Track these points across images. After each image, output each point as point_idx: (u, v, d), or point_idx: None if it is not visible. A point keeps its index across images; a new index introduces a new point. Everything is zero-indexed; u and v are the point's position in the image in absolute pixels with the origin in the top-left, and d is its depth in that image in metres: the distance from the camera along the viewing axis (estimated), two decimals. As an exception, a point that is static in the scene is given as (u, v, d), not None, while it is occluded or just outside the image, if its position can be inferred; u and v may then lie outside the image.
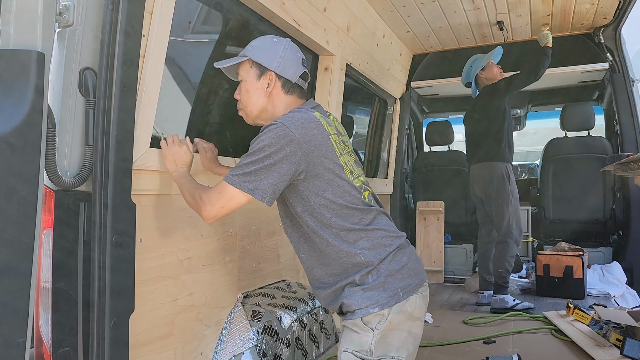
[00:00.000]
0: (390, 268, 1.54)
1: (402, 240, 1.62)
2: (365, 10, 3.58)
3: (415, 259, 1.63)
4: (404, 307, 1.54)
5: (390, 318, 1.52)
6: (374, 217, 1.59)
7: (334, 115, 1.78)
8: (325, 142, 1.56)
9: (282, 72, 1.67)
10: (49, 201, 1.42)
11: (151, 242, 1.79)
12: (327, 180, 1.53)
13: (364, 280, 1.54)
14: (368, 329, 1.52)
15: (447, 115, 6.10)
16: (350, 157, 1.66)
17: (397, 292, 1.53)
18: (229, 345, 2.14)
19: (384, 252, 1.55)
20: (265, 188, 1.48)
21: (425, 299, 1.63)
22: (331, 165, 1.54)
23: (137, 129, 1.64)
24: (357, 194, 1.58)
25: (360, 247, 1.54)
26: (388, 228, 1.61)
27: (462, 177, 4.97)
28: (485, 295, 3.94)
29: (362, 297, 1.53)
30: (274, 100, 1.69)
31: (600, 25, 4.21)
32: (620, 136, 4.23)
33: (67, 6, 1.45)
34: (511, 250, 3.73)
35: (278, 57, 1.67)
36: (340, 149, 1.61)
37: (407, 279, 1.56)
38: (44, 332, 1.44)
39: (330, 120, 1.68)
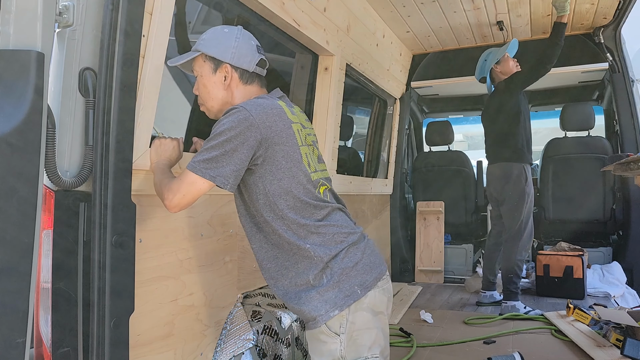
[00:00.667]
0: (343, 266, 1.50)
1: (355, 236, 1.57)
2: (365, 10, 3.58)
3: (371, 253, 1.59)
4: (363, 303, 1.50)
5: (352, 318, 1.48)
6: (328, 213, 1.57)
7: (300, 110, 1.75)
8: (287, 129, 1.54)
9: (238, 62, 1.64)
10: (49, 201, 1.42)
11: (151, 242, 1.79)
12: (284, 169, 1.51)
13: (318, 281, 1.49)
14: (333, 335, 1.48)
15: (447, 115, 6.10)
16: (311, 151, 1.64)
17: (354, 290, 1.49)
18: (229, 345, 2.14)
19: (335, 249, 1.51)
20: (227, 174, 1.45)
21: (386, 292, 1.59)
22: (291, 153, 1.52)
23: (137, 129, 1.64)
24: (312, 187, 1.56)
25: (311, 242, 1.50)
26: (341, 224, 1.57)
27: (462, 177, 4.97)
28: (487, 295, 3.92)
29: (319, 301, 1.48)
30: (234, 92, 1.66)
31: (600, 25, 4.21)
32: (620, 136, 4.23)
33: (67, 6, 1.45)
34: (520, 253, 3.65)
35: (231, 47, 1.63)
36: (301, 139, 1.59)
37: (363, 275, 1.52)
38: (44, 332, 1.44)
39: (294, 110, 1.66)
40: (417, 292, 4.28)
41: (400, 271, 4.85)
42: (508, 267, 3.66)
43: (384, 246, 4.69)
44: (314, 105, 3.20)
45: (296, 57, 3.21)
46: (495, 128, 3.78)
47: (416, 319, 3.46)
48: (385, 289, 1.58)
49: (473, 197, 4.96)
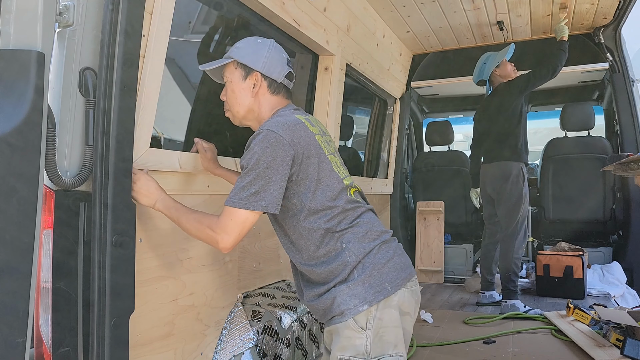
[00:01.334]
0: (375, 261, 1.51)
1: (388, 235, 1.61)
2: (365, 10, 3.58)
3: (402, 254, 1.61)
4: (392, 301, 1.50)
5: (380, 314, 1.48)
6: (362, 213, 1.59)
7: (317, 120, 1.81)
8: (313, 141, 1.57)
9: (268, 72, 1.68)
10: (49, 201, 1.42)
11: (151, 242, 1.79)
12: (316, 180, 1.53)
13: (349, 276, 1.50)
14: (360, 330, 1.47)
15: (447, 115, 6.10)
16: (336, 157, 1.68)
17: (384, 287, 1.49)
18: (229, 345, 2.14)
19: (368, 246, 1.53)
20: (276, 199, 1.48)
21: (414, 294, 1.59)
22: (321, 164, 1.56)
23: (137, 129, 1.64)
24: (345, 192, 1.59)
25: (346, 241, 1.52)
26: (373, 223, 1.60)
27: (462, 177, 4.97)
28: (486, 295, 3.93)
29: (348, 295, 1.48)
30: (260, 100, 1.69)
31: (600, 25, 4.21)
32: (620, 136, 4.23)
33: (67, 6, 1.45)
34: (516, 252, 3.68)
35: (263, 57, 1.67)
36: (326, 148, 1.63)
37: (394, 272, 1.53)
38: (44, 332, 1.44)
39: (311, 120, 1.69)
40: (417, 292, 4.27)
41: (400, 271, 4.84)
42: (506, 266, 3.68)
43: (384, 246, 4.68)
44: (314, 105, 3.20)
45: (296, 57, 3.21)
46: (495, 128, 3.79)
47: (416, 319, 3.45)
48: (414, 290, 1.58)
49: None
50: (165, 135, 1.86)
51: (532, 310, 3.50)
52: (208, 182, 2.07)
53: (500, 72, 3.82)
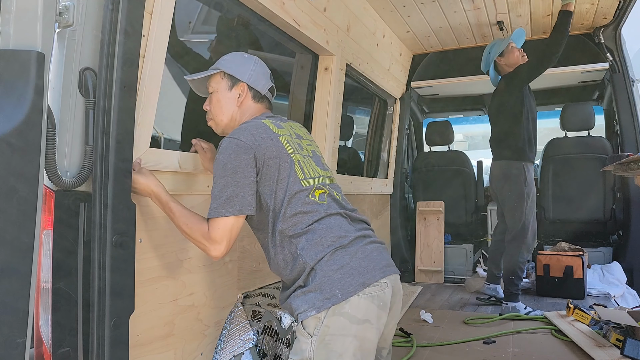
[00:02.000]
0: (326, 268, 1.50)
1: (346, 240, 1.56)
2: (365, 10, 3.57)
3: (364, 257, 1.55)
4: (343, 308, 1.46)
5: (327, 322, 1.46)
6: (320, 218, 1.58)
7: (297, 124, 1.87)
8: (275, 142, 1.63)
9: (254, 84, 1.78)
10: (49, 201, 1.42)
11: (151, 242, 1.79)
12: (277, 180, 1.58)
13: (304, 282, 1.53)
14: (307, 335, 1.48)
15: (447, 115, 6.09)
16: (306, 159, 1.70)
17: (334, 294, 1.46)
18: (229, 345, 2.14)
19: (321, 253, 1.52)
20: (248, 202, 1.55)
21: (376, 299, 1.51)
22: (282, 163, 1.60)
23: (137, 129, 1.64)
24: (305, 192, 1.60)
25: (300, 247, 1.54)
26: (332, 228, 1.57)
27: (462, 177, 4.97)
28: (491, 287, 3.90)
29: (302, 300, 1.51)
30: (243, 109, 1.78)
31: (600, 25, 4.21)
32: (620, 136, 4.23)
33: (67, 6, 1.44)
34: (522, 255, 3.60)
35: (250, 70, 1.78)
36: (293, 147, 1.67)
37: (348, 279, 1.48)
38: (44, 332, 1.44)
39: (282, 124, 1.74)
40: (417, 292, 4.28)
41: (401, 271, 4.83)
42: (509, 268, 3.64)
43: (384, 246, 4.68)
44: (314, 105, 3.20)
45: (296, 57, 3.21)
46: (496, 127, 3.76)
47: (416, 319, 3.46)
48: (375, 296, 1.51)
49: (473, 197, 4.96)
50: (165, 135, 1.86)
51: (533, 312, 3.48)
52: (208, 182, 2.07)
53: (506, 61, 3.65)
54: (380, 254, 1.62)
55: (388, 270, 1.58)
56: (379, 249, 1.63)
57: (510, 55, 3.64)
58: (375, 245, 1.63)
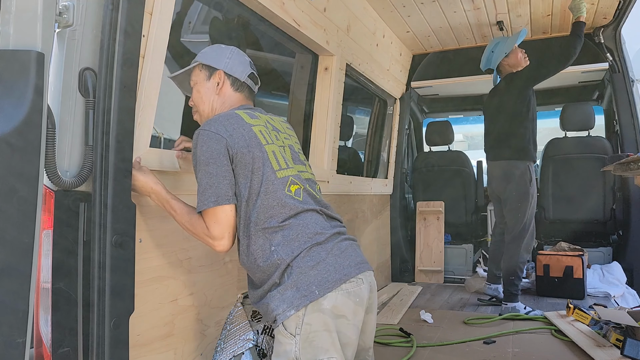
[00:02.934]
0: (302, 265, 1.48)
1: (323, 237, 1.55)
2: (365, 10, 3.58)
3: (340, 254, 1.54)
4: (321, 305, 1.45)
5: (308, 319, 1.44)
6: (296, 213, 1.56)
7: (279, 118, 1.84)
8: (248, 132, 1.61)
9: (231, 70, 1.77)
10: (49, 201, 1.42)
11: (151, 242, 1.79)
12: (252, 170, 1.56)
13: (280, 280, 1.50)
14: (289, 336, 1.45)
15: (447, 115, 6.09)
16: (283, 150, 1.68)
17: (311, 290, 1.45)
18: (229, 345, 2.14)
19: (297, 249, 1.50)
20: (224, 191, 1.53)
21: (353, 295, 1.51)
22: (256, 152, 1.58)
23: (137, 129, 1.64)
24: (281, 185, 1.57)
25: (275, 244, 1.51)
26: (308, 224, 1.56)
27: (462, 177, 4.96)
28: (492, 287, 3.88)
29: (279, 300, 1.47)
30: (224, 98, 1.77)
31: (600, 25, 4.21)
32: (620, 136, 4.23)
33: (67, 6, 1.45)
34: (522, 255, 3.59)
35: (226, 57, 1.78)
36: (267, 138, 1.64)
37: (324, 275, 1.48)
38: (44, 332, 1.44)
39: (260, 115, 1.73)
40: (417, 292, 4.28)
41: (400, 271, 4.85)
42: (509, 269, 3.62)
43: (383, 246, 4.69)
44: (314, 105, 3.20)
45: (296, 57, 3.21)
46: (496, 127, 3.73)
47: (416, 319, 3.46)
48: (351, 292, 1.50)
49: (473, 197, 4.95)
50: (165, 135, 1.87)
51: (533, 312, 3.48)
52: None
53: (509, 62, 3.63)
54: (355, 250, 1.61)
55: (363, 267, 1.58)
56: (352, 246, 1.62)
57: (514, 56, 3.63)
58: (349, 242, 1.62)
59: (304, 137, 3.23)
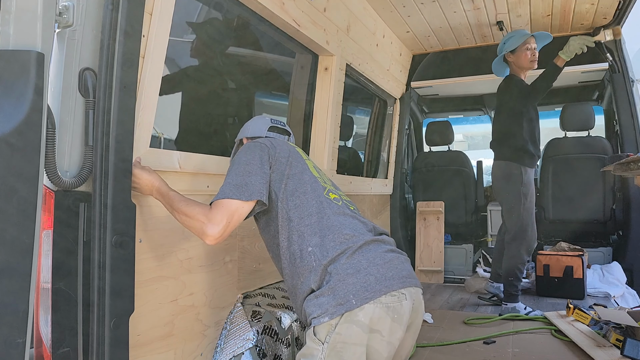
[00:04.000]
0: (341, 271, 1.43)
1: (360, 241, 1.51)
2: (365, 10, 3.58)
3: (384, 264, 1.48)
4: (356, 316, 1.39)
5: (340, 329, 1.39)
6: (335, 214, 1.57)
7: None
8: (291, 149, 1.74)
9: (251, 134, 1.93)
10: (49, 201, 1.42)
11: (151, 242, 1.79)
12: (288, 175, 1.63)
13: (319, 285, 1.46)
14: (318, 342, 1.41)
15: (447, 115, 6.09)
16: (320, 172, 1.79)
17: (348, 299, 1.39)
18: (229, 345, 2.14)
19: (334, 251, 1.47)
20: (259, 189, 1.56)
21: (391, 310, 1.42)
22: (295, 163, 1.68)
23: (137, 129, 1.64)
24: (320, 189, 1.64)
25: (313, 244, 1.50)
26: (347, 227, 1.54)
27: (462, 177, 4.96)
28: (494, 285, 3.86)
29: (315, 304, 1.44)
30: None
31: (600, 25, 4.20)
32: (620, 136, 4.22)
33: (67, 6, 1.45)
34: (522, 256, 3.57)
35: (248, 127, 1.97)
36: (307, 161, 1.77)
37: (363, 284, 1.41)
38: (44, 332, 1.44)
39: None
40: (417, 292, 4.27)
41: (400, 271, 4.84)
42: (509, 270, 3.61)
43: (384, 246, 4.68)
44: (314, 105, 3.20)
45: (296, 57, 3.21)
46: (496, 126, 3.73)
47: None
48: (391, 307, 1.42)
49: (473, 197, 4.96)
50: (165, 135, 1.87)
51: (533, 312, 3.48)
52: (208, 182, 2.08)
53: (514, 60, 3.54)
54: (402, 263, 1.55)
55: (408, 282, 1.49)
56: (400, 259, 1.56)
57: (519, 56, 3.52)
58: (396, 255, 1.56)
59: (304, 137, 3.23)
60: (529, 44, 3.49)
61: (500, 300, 3.78)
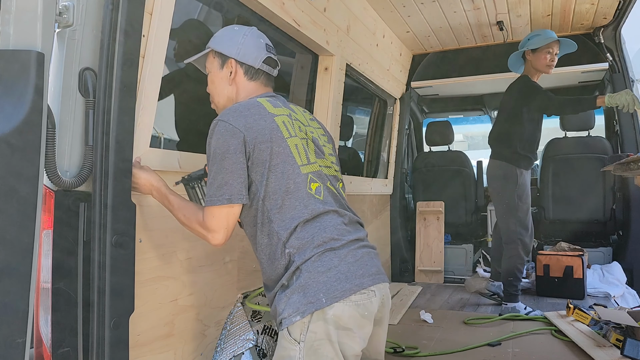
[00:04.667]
0: (312, 269, 1.41)
1: (338, 243, 1.46)
2: (365, 10, 3.58)
3: (355, 262, 1.46)
4: (327, 314, 1.38)
5: (313, 327, 1.38)
6: (316, 215, 1.48)
7: (301, 108, 1.74)
8: (269, 124, 1.52)
9: (243, 58, 1.66)
10: (49, 201, 1.42)
11: (151, 242, 1.79)
12: (269, 167, 1.49)
13: (290, 281, 1.44)
14: (293, 342, 1.39)
15: (447, 115, 6.09)
16: (306, 143, 1.58)
17: (318, 298, 1.38)
18: (229, 345, 2.14)
19: (310, 252, 1.43)
20: (238, 190, 1.48)
21: (361, 308, 1.42)
22: (276, 148, 1.50)
23: (137, 129, 1.64)
24: (303, 183, 1.50)
25: (290, 246, 1.45)
26: (326, 227, 1.48)
27: (462, 177, 4.96)
28: (495, 284, 3.87)
29: (286, 303, 1.41)
30: (238, 88, 1.69)
31: (600, 25, 4.20)
32: (620, 136, 4.23)
33: (67, 6, 1.45)
34: (520, 256, 3.56)
35: (238, 44, 1.66)
36: (290, 130, 1.55)
37: (334, 283, 1.40)
38: (44, 332, 1.44)
39: (282, 105, 1.64)
40: (417, 292, 4.28)
41: (400, 271, 4.85)
42: (508, 270, 3.62)
43: (384, 246, 4.69)
44: (314, 105, 3.20)
45: (296, 57, 3.21)
46: (498, 123, 3.72)
47: (416, 319, 3.46)
48: (360, 304, 1.42)
49: (473, 197, 4.96)
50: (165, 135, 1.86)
51: (533, 312, 3.47)
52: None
53: (532, 59, 3.48)
54: (372, 259, 1.53)
55: (377, 278, 1.50)
56: (370, 254, 1.54)
57: (538, 57, 3.45)
58: (367, 250, 1.54)
59: (304, 137, 3.22)
60: (552, 48, 3.45)
61: (501, 299, 3.78)
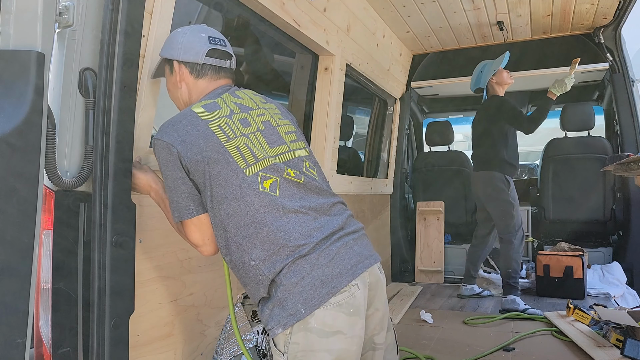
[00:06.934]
0: (285, 282, 1.34)
1: (306, 248, 1.36)
2: (365, 10, 3.58)
3: (327, 263, 1.36)
4: (308, 323, 1.33)
5: (295, 338, 1.34)
6: (275, 218, 1.37)
7: (251, 92, 1.64)
8: (204, 132, 1.43)
9: (184, 57, 1.59)
10: (49, 201, 1.42)
11: (151, 242, 1.79)
12: (210, 177, 1.41)
13: (270, 294, 1.38)
14: (279, 353, 1.37)
15: (447, 116, 6.09)
16: (254, 136, 1.48)
17: (297, 309, 1.32)
18: (229, 345, 2.14)
19: (279, 264, 1.35)
20: (183, 206, 1.46)
21: (345, 307, 1.35)
22: (215, 156, 1.41)
23: (137, 129, 1.64)
24: (252, 186, 1.39)
25: (255, 258, 1.37)
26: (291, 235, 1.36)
27: (462, 177, 4.96)
28: (467, 287, 4.07)
29: (269, 315, 1.38)
30: (189, 88, 1.63)
31: (600, 25, 4.21)
32: (620, 136, 4.23)
33: (67, 6, 1.45)
34: (516, 252, 3.73)
35: (178, 44, 1.60)
36: (228, 133, 1.45)
37: (310, 291, 1.33)
38: (44, 332, 1.44)
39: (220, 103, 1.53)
40: (417, 292, 4.28)
41: (400, 271, 4.85)
42: (506, 265, 3.75)
43: (384, 246, 4.69)
44: (314, 105, 3.20)
45: (296, 57, 3.21)
46: (482, 138, 3.87)
47: (416, 319, 3.46)
48: (343, 304, 1.35)
49: (473, 197, 4.95)
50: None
51: (531, 309, 3.51)
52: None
53: (496, 79, 3.84)
54: (350, 249, 1.42)
55: (359, 269, 1.41)
56: (347, 245, 1.43)
57: (500, 75, 3.82)
58: (345, 241, 1.43)
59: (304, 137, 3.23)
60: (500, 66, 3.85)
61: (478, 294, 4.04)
